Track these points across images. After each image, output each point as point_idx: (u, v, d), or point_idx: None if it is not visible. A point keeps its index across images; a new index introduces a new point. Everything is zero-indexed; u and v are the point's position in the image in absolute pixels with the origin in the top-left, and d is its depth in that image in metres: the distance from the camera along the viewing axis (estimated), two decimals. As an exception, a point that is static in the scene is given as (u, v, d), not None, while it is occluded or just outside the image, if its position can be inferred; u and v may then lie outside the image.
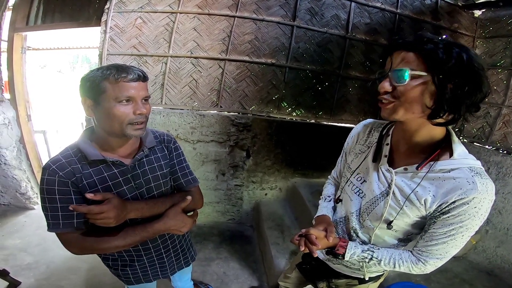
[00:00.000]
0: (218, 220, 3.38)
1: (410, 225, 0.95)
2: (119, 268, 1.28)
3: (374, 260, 0.99)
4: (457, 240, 0.86)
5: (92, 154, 1.03)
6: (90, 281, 2.37)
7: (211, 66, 2.94)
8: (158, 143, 1.24)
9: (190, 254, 1.53)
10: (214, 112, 3.00)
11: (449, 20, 3.34)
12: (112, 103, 0.95)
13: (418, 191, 0.87)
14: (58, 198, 0.98)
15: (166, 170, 1.25)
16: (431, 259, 0.92)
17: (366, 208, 1.02)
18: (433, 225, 0.88)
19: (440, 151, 0.87)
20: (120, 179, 1.09)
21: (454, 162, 0.84)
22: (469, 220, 0.82)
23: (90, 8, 2.92)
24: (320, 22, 3.04)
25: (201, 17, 2.88)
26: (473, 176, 0.80)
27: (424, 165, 0.86)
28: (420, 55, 0.76)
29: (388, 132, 1.02)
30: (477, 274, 2.94)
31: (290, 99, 3.13)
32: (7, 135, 3.04)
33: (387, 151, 0.97)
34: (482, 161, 3.14)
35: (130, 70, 0.97)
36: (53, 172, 0.97)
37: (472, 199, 0.79)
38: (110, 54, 2.83)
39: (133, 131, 1.01)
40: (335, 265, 1.22)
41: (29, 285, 2.28)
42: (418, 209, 0.88)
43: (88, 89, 0.97)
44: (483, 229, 3.14)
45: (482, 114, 3.33)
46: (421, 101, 0.79)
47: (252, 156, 3.11)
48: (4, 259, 2.50)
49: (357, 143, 1.14)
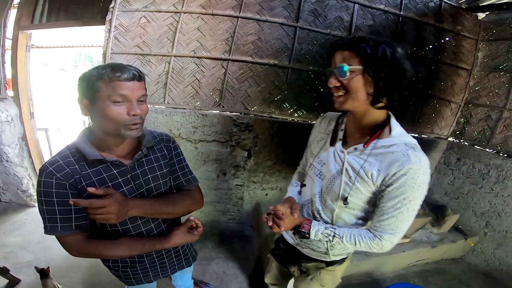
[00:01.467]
0: (218, 219, 3.39)
1: (365, 202, 1.09)
2: (120, 269, 1.27)
3: (337, 238, 1.09)
4: (404, 213, 0.99)
5: (90, 154, 1.01)
6: (90, 279, 2.38)
7: (214, 66, 2.95)
8: (157, 143, 1.22)
9: (192, 255, 1.54)
10: (216, 112, 3.01)
11: (452, 22, 3.34)
12: (106, 103, 0.93)
13: (366, 166, 1.01)
14: (55, 201, 0.96)
15: (166, 170, 1.24)
16: (385, 234, 1.03)
17: (326, 187, 1.15)
18: (381, 199, 1.02)
19: (382, 131, 1.03)
20: (120, 179, 1.08)
21: (392, 139, 1.00)
22: (410, 192, 0.95)
23: (95, 7, 2.93)
24: (323, 24, 3.05)
25: (205, 17, 2.89)
26: (407, 150, 0.95)
27: (368, 143, 1.02)
28: (355, 52, 0.93)
29: (342, 120, 1.18)
30: (475, 276, 2.97)
31: (292, 100, 3.13)
32: (10, 132, 3.05)
33: (342, 135, 1.14)
34: (482, 164, 3.16)
35: (125, 69, 0.95)
36: (50, 174, 0.95)
37: (409, 170, 0.92)
38: (114, 53, 2.84)
39: (128, 131, 0.99)
40: (304, 249, 1.33)
41: (29, 282, 2.28)
42: (368, 184, 1.02)
43: (84, 88, 0.96)
44: (482, 231, 3.15)
45: (483, 117, 3.34)
46: (363, 90, 0.95)
47: (253, 156, 3.12)
48: (4, 256, 2.51)
49: (318, 132, 1.29)
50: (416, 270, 2.95)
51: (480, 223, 3.19)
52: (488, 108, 3.31)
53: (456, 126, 3.63)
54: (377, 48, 0.91)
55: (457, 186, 3.47)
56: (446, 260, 3.14)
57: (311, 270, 1.37)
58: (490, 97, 3.31)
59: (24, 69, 3.19)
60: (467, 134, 3.51)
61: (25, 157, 3.29)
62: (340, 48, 0.98)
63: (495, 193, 3.05)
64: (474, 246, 3.17)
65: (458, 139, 3.61)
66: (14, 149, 3.13)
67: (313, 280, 1.38)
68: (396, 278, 2.83)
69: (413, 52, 3.28)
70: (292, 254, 1.39)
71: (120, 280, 1.33)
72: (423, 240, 3.00)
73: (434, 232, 3.09)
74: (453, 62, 3.40)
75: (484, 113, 3.35)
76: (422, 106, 3.41)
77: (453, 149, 3.57)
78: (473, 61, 3.47)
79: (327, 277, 1.37)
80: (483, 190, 3.17)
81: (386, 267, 2.83)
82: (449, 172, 3.58)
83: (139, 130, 1.03)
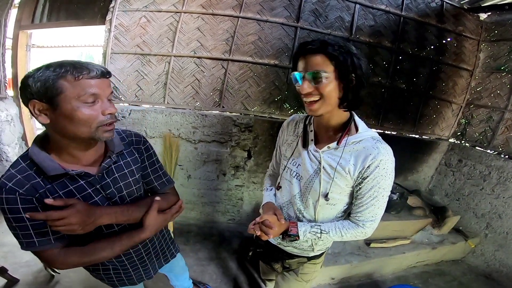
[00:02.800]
0: (218, 220, 3.38)
1: (344, 195, 1.14)
2: (102, 273, 1.22)
3: (324, 234, 1.14)
4: (380, 200, 1.08)
5: (51, 168, 0.89)
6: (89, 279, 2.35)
7: (214, 66, 2.95)
8: (127, 146, 1.12)
9: (170, 252, 1.50)
10: (216, 112, 3.00)
11: (454, 23, 3.33)
12: (74, 104, 0.83)
13: (342, 162, 1.07)
14: (24, 217, 0.87)
15: (138, 175, 1.15)
16: (367, 222, 1.11)
17: (305, 188, 1.18)
18: (359, 191, 1.08)
19: (349, 128, 1.09)
20: (89, 190, 0.98)
21: (360, 135, 1.06)
22: (383, 181, 1.04)
23: (95, 7, 2.93)
24: (324, 24, 3.04)
25: (205, 17, 2.89)
26: (376, 143, 1.03)
27: (341, 140, 1.07)
28: (328, 57, 0.95)
29: (310, 121, 1.22)
30: (475, 277, 2.96)
31: (292, 101, 3.12)
32: (10, 132, 3.05)
33: (313, 136, 1.18)
34: (483, 165, 3.15)
35: (90, 65, 0.86)
36: (11, 190, 0.85)
37: (380, 161, 1.01)
38: (114, 52, 2.84)
39: (103, 133, 0.90)
40: (286, 247, 1.36)
41: (27, 282, 2.27)
42: (346, 178, 1.08)
43: (39, 91, 0.82)
44: (483, 233, 3.14)
45: (484, 118, 3.33)
46: (335, 95, 1.00)
47: (253, 156, 3.11)
48: (3, 256, 2.50)
49: (287, 135, 1.33)
50: (416, 271, 2.94)
51: (480, 225, 3.18)
52: (490, 109, 3.29)
53: (457, 127, 3.61)
54: (347, 54, 0.95)
55: (458, 188, 3.45)
56: (447, 261, 3.13)
57: (294, 265, 1.42)
58: (492, 98, 3.30)
59: (25, 69, 3.19)
60: (468, 135, 3.49)
61: (25, 157, 3.28)
62: (311, 52, 0.97)
63: (496, 195, 3.04)
64: (475, 248, 3.16)
65: (459, 140, 3.60)
66: (14, 148, 3.13)
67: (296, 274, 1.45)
68: (396, 279, 2.82)
69: (415, 53, 3.26)
70: (274, 252, 1.43)
71: (104, 283, 1.28)
72: (424, 242, 2.99)
73: (435, 233, 3.08)
74: (455, 63, 3.39)
75: (485, 114, 3.34)
76: (423, 107, 3.40)
77: (454, 150, 3.55)
78: (474, 62, 3.46)
79: (310, 270, 1.44)
80: (484, 192, 3.16)
81: (386, 269, 2.82)
82: (450, 174, 3.56)
83: (113, 131, 0.95)
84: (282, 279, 1.51)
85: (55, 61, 0.85)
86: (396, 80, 3.28)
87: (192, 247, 2.88)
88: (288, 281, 1.48)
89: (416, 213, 2.99)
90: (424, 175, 3.78)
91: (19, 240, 0.91)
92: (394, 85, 3.27)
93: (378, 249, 2.78)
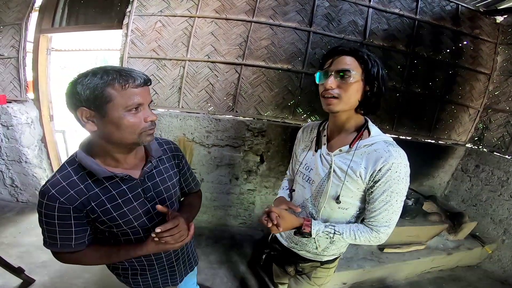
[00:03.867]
0: (229, 223, 3.40)
1: (356, 199, 1.14)
2: (130, 276, 1.26)
3: (337, 234, 1.13)
4: (394, 205, 1.06)
5: (99, 171, 0.93)
6: (103, 280, 2.41)
7: (228, 70, 2.97)
8: (165, 152, 1.19)
9: (194, 259, 1.53)
10: (229, 116, 3.02)
11: (470, 26, 3.27)
12: (121, 113, 0.86)
13: (353, 166, 1.08)
14: (57, 223, 0.93)
15: (176, 179, 1.22)
16: (381, 227, 1.10)
17: (317, 191, 1.20)
18: (371, 195, 1.08)
19: (362, 132, 1.11)
20: (130, 195, 1.03)
21: (373, 139, 1.08)
22: (396, 185, 1.03)
23: (112, 11, 3.01)
24: (337, 28, 3.03)
25: (219, 21, 2.92)
26: (388, 146, 1.04)
27: (354, 143, 1.08)
28: (358, 60, 1.02)
29: (324, 127, 1.25)
30: (491, 283, 2.91)
31: (305, 105, 3.11)
32: (30, 134, 3.15)
33: (325, 140, 1.20)
34: (502, 171, 3.08)
35: (135, 74, 0.88)
36: (53, 197, 0.89)
37: (392, 165, 1.00)
38: (131, 57, 2.90)
39: (146, 137, 0.94)
40: (300, 252, 1.38)
41: (43, 282, 2.32)
42: (357, 182, 1.08)
43: (88, 99, 0.84)
44: (500, 239, 3.08)
45: (503, 123, 3.25)
46: (356, 96, 1.04)
47: (266, 161, 3.12)
48: (19, 256, 2.57)
49: (302, 141, 1.36)
50: (430, 277, 2.89)
51: (498, 230, 3.11)
52: (508, 113, 3.21)
53: (474, 132, 3.53)
54: (374, 61, 1.03)
55: (475, 193, 3.38)
56: (462, 267, 3.07)
57: (307, 269, 1.43)
58: (510, 102, 3.22)
59: (45, 72, 3.28)
60: (486, 140, 3.41)
61: (44, 159, 3.38)
62: (344, 53, 1.04)
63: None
64: (492, 253, 3.10)
65: (476, 146, 3.52)
66: (34, 150, 3.23)
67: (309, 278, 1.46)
68: (409, 285, 2.78)
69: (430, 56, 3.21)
70: (288, 256, 1.45)
71: (129, 286, 1.32)
72: (439, 247, 2.94)
73: (450, 239, 3.02)
74: (472, 66, 3.33)
75: (503, 119, 3.25)
76: (439, 111, 3.34)
77: (471, 155, 3.48)
78: (492, 65, 3.39)
79: (323, 274, 1.44)
80: (502, 198, 3.09)
81: (399, 274, 2.78)
82: (467, 179, 3.49)
83: (154, 134, 1.00)
84: (295, 282, 1.52)
85: (100, 67, 0.87)
86: (411, 84, 3.23)
87: (204, 250, 2.91)
88: (301, 284, 1.48)
89: (432, 219, 2.93)
90: (440, 180, 3.71)
91: (44, 238, 0.97)
92: (409, 89, 3.23)
93: (391, 254, 2.74)
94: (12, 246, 2.70)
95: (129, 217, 1.04)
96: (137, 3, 2.88)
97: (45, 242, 0.98)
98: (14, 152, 3.12)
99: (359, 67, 1.02)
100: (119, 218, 1.02)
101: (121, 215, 1.02)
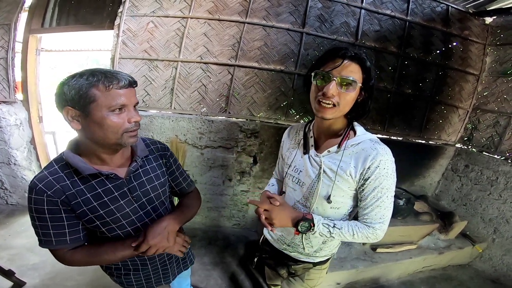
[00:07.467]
0: (223, 224, 3.39)
1: (347, 198, 1.15)
2: (122, 276, 1.26)
3: (336, 228, 1.13)
4: (385, 201, 1.08)
5: (85, 168, 0.96)
6: (95, 282, 2.39)
7: (221, 72, 2.96)
8: (152, 152, 1.20)
9: (189, 258, 1.53)
10: (222, 118, 3.01)
11: (460, 27, 3.33)
12: (104, 112, 0.89)
13: (342, 165, 1.08)
14: (48, 217, 0.94)
15: (164, 178, 1.23)
16: (376, 224, 1.11)
17: (308, 192, 1.20)
18: (362, 193, 1.10)
19: (349, 132, 1.12)
20: (116, 193, 1.04)
21: (359, 138, 1.10)
22: (385, 181, 1.05)
23: (104, 12, 2.97)
24: (329, 29, 3.04)
25: (212, 22, 2.91)
26: (374, 144, 1.06)
27: (342, 144, 1.10)
28: (362, 68, 1.00)
29: (309, 128, 1.26)
30: (483, 282, 2.95)
31: (298, 106, 3.12)
32: (18, 136, 3.10)
33: (313, 142, 1.21)
34: (491, 170, 3.14)
35: (119, 75, 0.91)
36: (40, 191, 0.92)
37: (380, 162, 1.02)
38: (122, 57, 2.87)
39: (128, 139, 0.97)
40: (292, 253, 1.38)
41: (34, 285, 2.30)
42: (348, 181, 1.09)
43: (73, 99, 0.87)
44: (490, 238, 3.13)
45: (491, 123, 3.31)
46: (351, 104, 1.05)
47: (259, 162, 3.12)
48: (10, 259, 2.54)
49: (289, 143, 1.36)
50: (422, 276, 2.93)
51: (488, 230, 3.17)
52: (497, 114, 3.27)
53: (464, 133, 3.59)
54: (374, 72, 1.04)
55: (465, 193, 3.43)
56: (453, 266, 3.12)
57: (300, 271, 1.42)
58: (499, 103, 3.28)
59: (34, 73, 3.23)
60: (475, 140, 3.47)
61: (33, 161, 3.33)
62: (351, 59, 0.99)
63: (503, 200, 3.03)
64: (482, 252, 3.15)
65: (466, 146, 3.57)
66: (23, 152, 3.17)
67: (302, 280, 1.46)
68: (402, 284, 2.81)
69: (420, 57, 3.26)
70: (280, 258, 1.44)
71: (122, 286, 1.32)
72: (430, 247, 2.98)
73: (441, 238, 3.06)
74: (461, 67, 3.38)
75: (492, 119, 3.32)
76: (430, 112, 3.39)
77: (461, 155, 3.54)
78: (481, 66, 3.44)
79: (315, 275, 1.45)
80: (491, 197, 3.15)
81: (392, 274, 2.81)
82: (457, 179, 3.54)
83: (137, 136, 1.02)
84: (288, 284, 1.52)
85: (88, 69, 0.91)
86: (402, 85, 3.27)
87: (197, 251, 2.89)
88: (294, 286, 1.49)
89: (423, 218, 2.97)
90: (430, 180, 3.76)
91: (38, 238, 0.98)
92: (400, 90, 3.26)
93: (384, 254, 2.77)
94: (3, 249, 2.66)
95: (117, 215, 1.05)
96: (129, 4, 2.85)
97: (40, 241, 0.99)
98: (2, 154, 3.06)
99: (361, 77, 1.01)
100: (106, 216, 1.03)
101: (108, 213, 1.03)
